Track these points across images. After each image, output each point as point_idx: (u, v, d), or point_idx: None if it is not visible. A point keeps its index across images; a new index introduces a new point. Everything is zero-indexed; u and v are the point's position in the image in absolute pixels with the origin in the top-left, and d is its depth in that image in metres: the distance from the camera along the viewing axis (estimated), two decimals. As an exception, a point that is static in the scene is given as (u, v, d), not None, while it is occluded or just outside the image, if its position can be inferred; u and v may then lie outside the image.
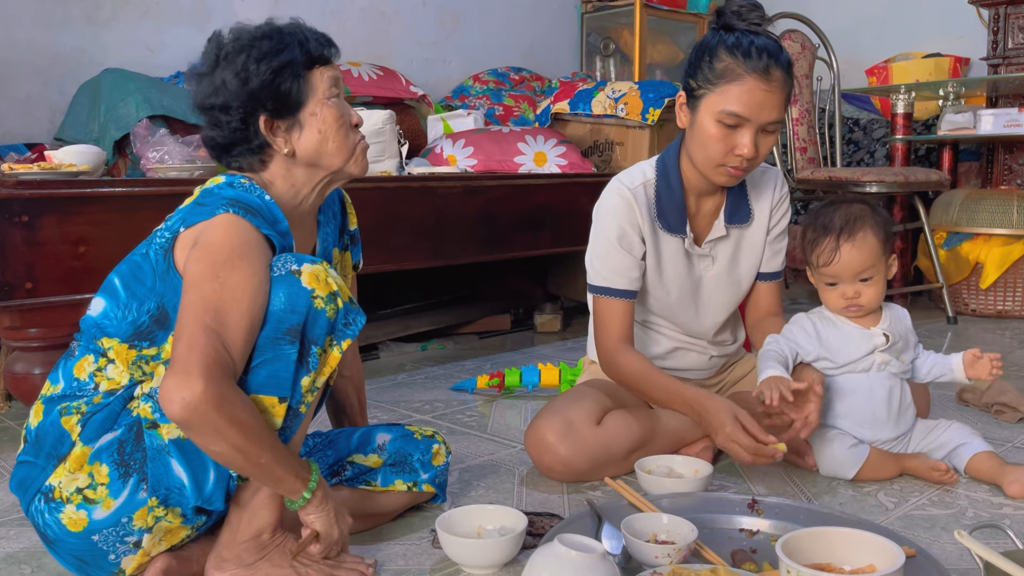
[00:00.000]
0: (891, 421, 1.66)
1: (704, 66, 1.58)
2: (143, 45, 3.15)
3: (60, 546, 1.17)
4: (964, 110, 3.61)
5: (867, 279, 1.62)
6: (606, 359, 1.72)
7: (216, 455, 1.11)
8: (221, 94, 1.24)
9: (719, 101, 1.56)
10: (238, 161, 1.30)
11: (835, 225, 1.62)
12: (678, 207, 1.71)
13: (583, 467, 1.63)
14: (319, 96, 1.28)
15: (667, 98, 3.17)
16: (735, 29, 1.58)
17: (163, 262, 1.20)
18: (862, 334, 1.65)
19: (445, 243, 2.60)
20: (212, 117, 1.27)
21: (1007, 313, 3.44)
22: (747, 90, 1.54)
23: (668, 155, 1.73)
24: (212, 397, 1.04)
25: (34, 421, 1.21)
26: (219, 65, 1.25)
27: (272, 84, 1.24)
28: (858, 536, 1.16)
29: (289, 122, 1.27)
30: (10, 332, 1.89)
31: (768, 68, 1.54)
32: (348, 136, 1.31)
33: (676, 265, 1.75)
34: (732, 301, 1.83)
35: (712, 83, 1.57)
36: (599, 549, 1.13)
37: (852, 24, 4.50)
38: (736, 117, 1.55)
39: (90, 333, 1.22)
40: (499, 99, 3.76)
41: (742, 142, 1.57)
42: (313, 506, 1.20)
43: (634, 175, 1.74)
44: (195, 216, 1.19)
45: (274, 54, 1.24)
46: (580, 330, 3.24)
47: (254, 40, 1.25)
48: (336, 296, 1.19)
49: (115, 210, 1.95)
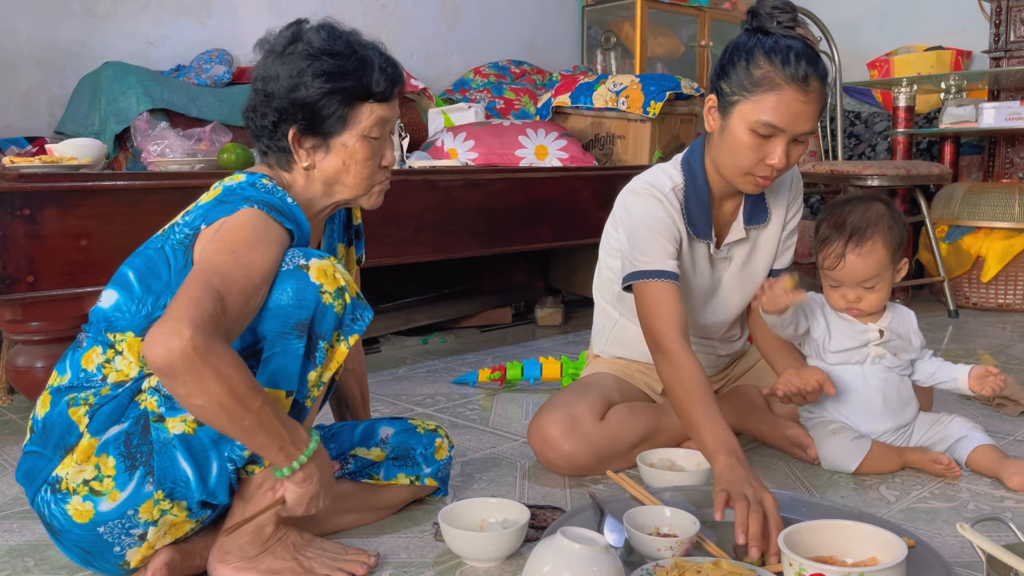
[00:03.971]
0: (887, 413, 1.67)
1: (740, 71, 1.51)
2: (143, 38, 3.15)
3: (65, 537, 1.17)
4: (966, 103, 3.60)
5: (871, 287, 1.63)
6: (666, 351, 1.52)
7: (198, 410, 1.05)
8: (271, 85, 1.24)
9: (755, 110, 1.50)
10: (266, 153, 1.30)
11: (846, 230, 1.61)
12: (705, 212, 1.66)
13: (586, 462, 1.63)
14: (358, 131, 1.26)
15: (668, 91, 3.16)
16: (770, 32, 1.52)
17: (182, 258, 1.19)
18: (857, 327, 1.67)
19: (446, 237, 2.60)
20: (255, 98, 1.27)
21: (1008, 307, 3.44)
22: (785, 100, 1.48)
23: (693, 158, 1.67)
24: (200, 345, 0.99)
25: (41, 411, 1.21)
26: (283, 56, 1.24)
27: (316, 103, 1.23)
28: (860, 529, 1.16)
29: (317, 142, 1.26)
30: (12, 325, 1.89)
31: (807, 78, 1.48)
32: (371, 175, 1.30)
33: (702, 269, 1.72)
34: (746, 299, 1.80)
35: (748, 90, 1.50)
36: (602, 542, 1.13)
37: (854, 17, 4.50)
38: (771, 127, 1.49)
39: (99, 325, 1.22)
40: (500, 92, 3.76)
41: (775, 152, 1.51)
42: (294, 481, 1.16)
43: (661, 180, 1.66)
44: (217, 213, 1.18)
45: (333, 76, 1.23)
46: (581, 324, 3.24)
47: (323, 52, 1.23)
48: (344, 291, 1.19)
49: (116, 203, 1.95)
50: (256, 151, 1.33)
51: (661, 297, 1.56)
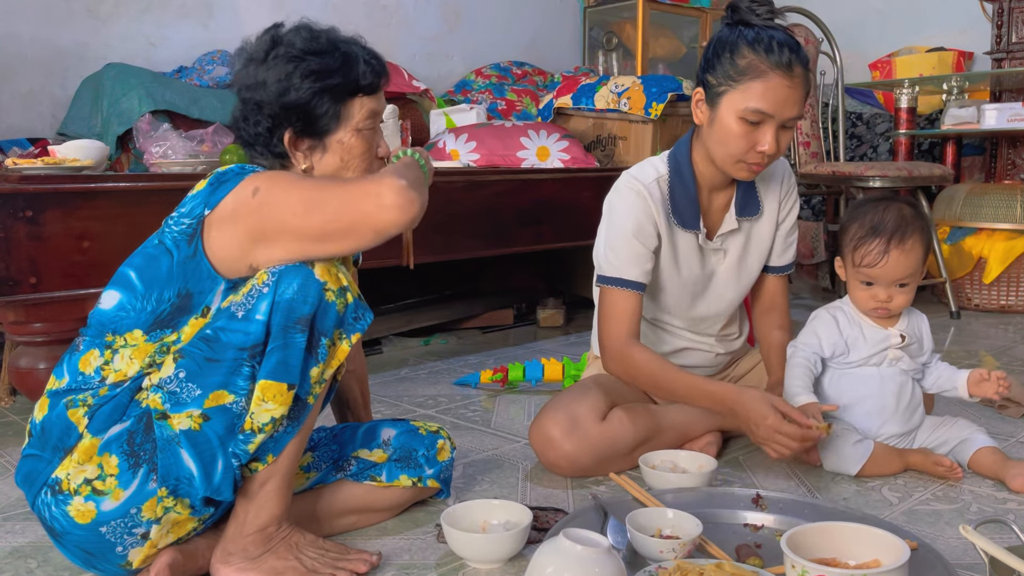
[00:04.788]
0: (899, 415, 1.67)
1: (725, 62, 1.57)
2: (145, 39, 3.15)
3: (67, 539, 1.17)
4: (968, 104, 3.60)
5: (904, 285, 1.63)
6: (614, 355, 1.68)
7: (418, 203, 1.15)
8: (259, 92, 1.24)
9: (742, 98, 1.55)
10: (259, 160, 1.30)
11: (887, 227, 1.61)
12: (691, 202, 1.70)
13: (588, 463, 1.63)
14: (352, 125, 1.27)
15: (670, 92, 3.16)
16: (751, 24, 1.58)
17: (187, 247, 1.19)
18: (879, 334, 1.66)
19: (448, 238, 2.60)
20: (244, 108, 1.27)
21: (1010, 308, 3.43)
22: (771, 87, 1.53)
23: (679, 150, 1.72)
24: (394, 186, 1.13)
25: (39, 415, 1.21)
26: (267, 61, 1.24)
27: (308, 104, 1.23)
28: (863, 531, 1.16)
29: (313, 143, 1.27)
30: (15, 327, 1.89)
31: (791, 64, 1.53)
32: (369, 167, 1.31)
33: (690, 260, 1.74)
34: (741, 294, 1.83)
35: (734, 80, 1.56)
36: (604, 543, 1.13)
37: (855, 18, 4.50)
38: (760, 114, 1.54)
39: (98, 328, 1.22)
40: (502, 93, 3.76)
41: (764, 139, 1.56)
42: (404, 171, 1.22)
43: (646, 170, 1.72)
44: (218, 194, 1.19)
45: (321, 75, 1.23)
46: (583, 325, 3.24)
47: (307, 53, 1.24)
48: (346, 291, 1.19)
49: (119, 205, 1.95)
50: (249, 158, 1.33)
51: (621, 305, 1.67)
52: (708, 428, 1.76)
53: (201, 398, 1.14)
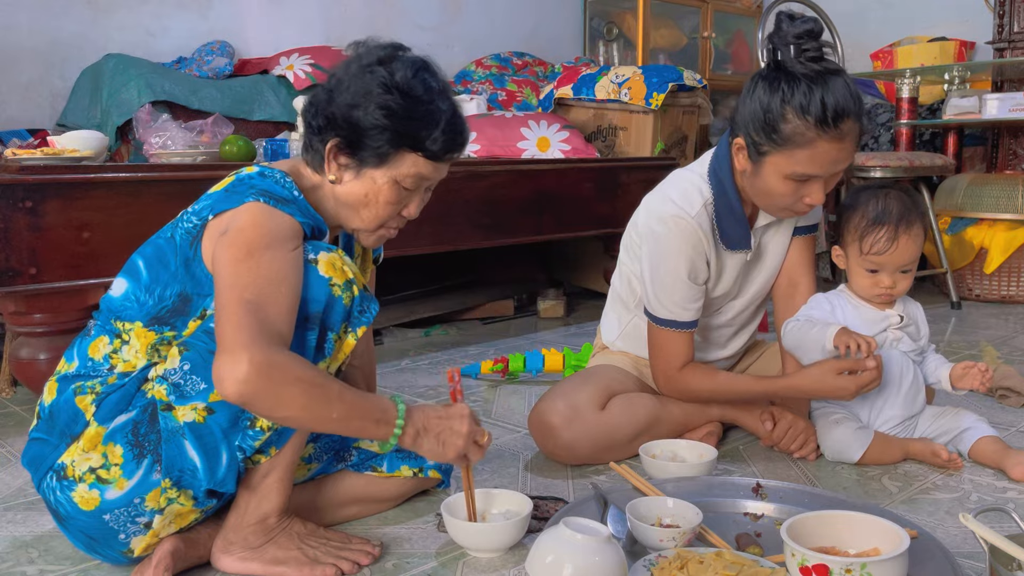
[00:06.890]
0: (901, 398, 1.67)
1: (768, 128, 1.47)
2: (144, 30, 3.14)
3: (71, 523, 1.18)
4: (969, 94, 3.59)
5: (906, 271, 1.64)
6: (669, 385, 1.69)
7: (288, 420, 1.10)
8: (337, 91, 1.22)
9: (788, 163, 1.47)
10: (308, 150, 1.28)
11: (893, 214, 1.61)
12: (741, 224, 1.64)
13: (586, 451, 1.63)
14: (393, 174, 1.25)
15: (671, 83, 3.15)
16: (795, 75, 1.45)
17: (188, 249, 1.20)
18: (877, 315, 1.67)
19: (448, 229, 2.60)
20: (319, 96, 1.25)
21: (1011, 298, 3.43)
22: (819, 152, 1.45)
23: (720, 167, 1.62)
24: (259, 366, 1.03)
25: (48, 398, 1.22)
26: (364, 70, 1.22)
27: (366, 131, 1.21)
28: (863, 519, 1.16)
29: (351, 163, 1.25)
30: (15, 317, 1.90)
31: (840, 122, 1.43)
32: (386, 218, 1.29)
33: (729, 275, 1.71)
34: (771, 280, 1.77)
35: (779, 144, 1.47)
36: (604, 532, 1.13)
37: (857, 8, 4.48)
38: (807, 176, 1.48)
39: (107, 314, 1.23)
40: (502, 84, 3.75)
41: (812, 193, 1.51)
42: (408, 441, 1.18)
43: (690, 197, 1.61)
44: (224, 204, 1.18)
45: (394, 115, 1.20)
46: (583, 316, 3.24)
47: (398, 88, 1.20)
48: (352, 284, 1.19)
49: (118, 196, 1.95)
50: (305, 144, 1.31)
51: (675, 344, 1.66)
52: (708, 418, 1.76)
53: (206, 392, 1.14)
